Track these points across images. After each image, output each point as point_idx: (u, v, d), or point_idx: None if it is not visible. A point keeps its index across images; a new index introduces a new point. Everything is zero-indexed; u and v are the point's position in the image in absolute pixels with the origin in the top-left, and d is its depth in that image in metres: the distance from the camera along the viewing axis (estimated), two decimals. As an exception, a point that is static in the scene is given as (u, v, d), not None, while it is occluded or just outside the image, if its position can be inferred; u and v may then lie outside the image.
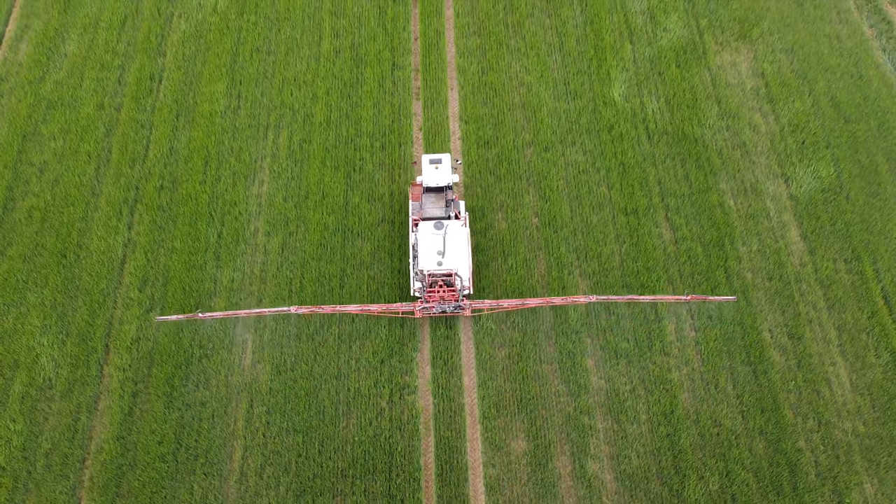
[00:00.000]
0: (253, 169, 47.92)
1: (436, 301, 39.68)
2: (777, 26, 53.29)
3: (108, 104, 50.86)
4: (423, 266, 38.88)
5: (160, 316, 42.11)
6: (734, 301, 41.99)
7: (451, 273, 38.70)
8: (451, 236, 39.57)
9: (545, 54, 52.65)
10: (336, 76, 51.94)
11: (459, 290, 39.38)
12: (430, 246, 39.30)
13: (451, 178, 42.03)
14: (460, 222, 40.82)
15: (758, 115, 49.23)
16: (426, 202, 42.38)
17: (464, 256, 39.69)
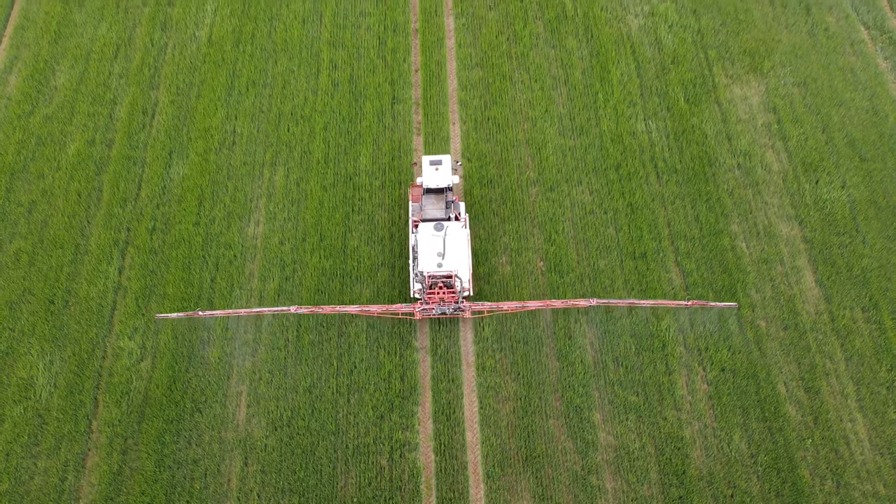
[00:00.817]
0: (248, 209, 46.57)
1: (435, 302, 39.45)
2: (789, 58, 51.98)
3: (99, 140, 49.53)
4: (422, 267, 38.83)
5: (160, 314, 41.37)
6: (735, 308, 41.69)
7: (451, 274, 38.63)
8: (451, 238, 39.71)
9: (550, 87, 51.34)
10: (334, 110, 50.62)
11: (459, 291, 39.17)
12: (430, 247, 39.36)
13: (452, 179, 41.90)
14: (460, 224, 40.86)
15: (770, 153, 47.90)
16: (426, 203, 42.36)
17: (464, 258, 39.65)
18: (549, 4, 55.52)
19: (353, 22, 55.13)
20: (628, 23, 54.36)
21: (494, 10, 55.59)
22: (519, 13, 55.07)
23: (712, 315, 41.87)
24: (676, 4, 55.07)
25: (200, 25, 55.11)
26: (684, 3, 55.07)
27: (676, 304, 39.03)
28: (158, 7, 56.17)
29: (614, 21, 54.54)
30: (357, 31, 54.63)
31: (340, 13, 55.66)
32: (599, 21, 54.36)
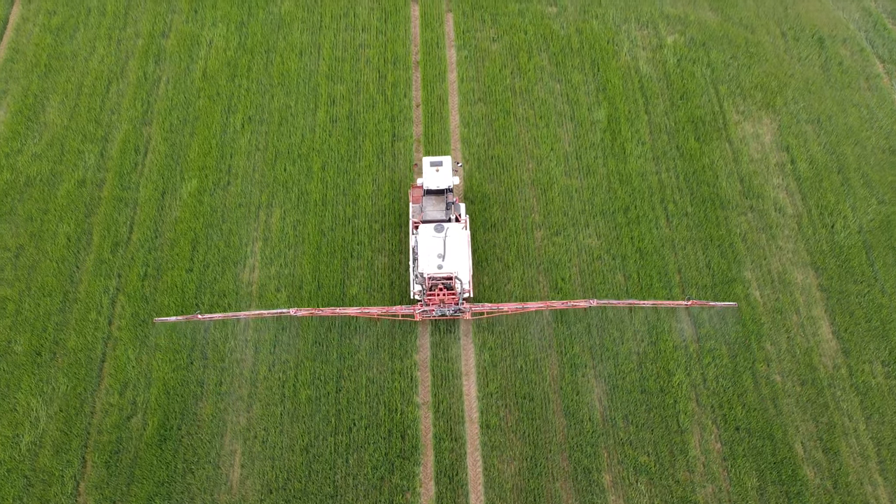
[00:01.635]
0: (243, 254, 45.18)
1: (436, 304, 39.48)
2: (802, 94, 50.64)
3: (89, 180, 48.17)
4: (423, 269, 38.96)
5: (159, 318, 41.71)
6: (735, 307, 41.97)
7: (452, 276, 38.71)
8: (452, 239, 39.92)
9: (555, 124, 49.99)
10: (332, 148, 49.26)
11: (459, 293, 39.09)
12: (431, 249, 39.54)
13: (452, 180, 42.40)
14: (461, 225, 41.14)
15: (783, 195, 46.52)
16: (426, 205, 42.61)
17: (464, 259, 39.85)
18: (553, 36, 54.20)
19: (353, 54, 53.82)
20: (636, 56, 53.05)
21: (498, 42, 54.29)
22: (523, 45, 53.75)
23: (726, 370, 40.44)
24: (685, 37, 53.75)
25: (195, 58, 53.80)
26: (693, 36, 53.75)
27: (676, 304, 39.86)
28: (152, 39, 54.87)
29: (621, 54, 53.22)
30: (356, 64, 53.31)
31: (339, 45, 54.36)
32: (606, 54, 53.04)
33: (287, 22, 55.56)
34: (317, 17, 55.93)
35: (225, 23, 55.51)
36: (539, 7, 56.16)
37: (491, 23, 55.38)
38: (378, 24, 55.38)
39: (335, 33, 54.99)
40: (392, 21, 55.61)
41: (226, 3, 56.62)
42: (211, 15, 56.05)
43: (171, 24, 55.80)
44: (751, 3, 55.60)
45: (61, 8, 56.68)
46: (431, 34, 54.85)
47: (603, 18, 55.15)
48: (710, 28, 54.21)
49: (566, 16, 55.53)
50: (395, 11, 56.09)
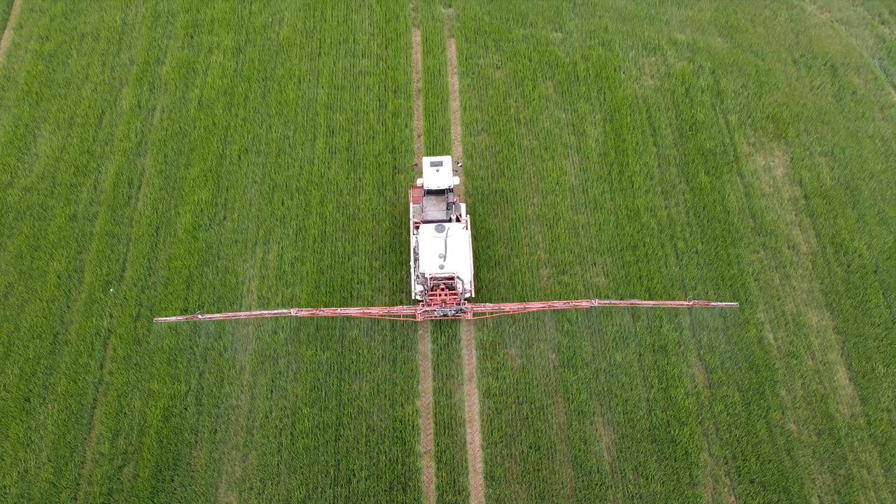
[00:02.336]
0: (239, 293, 43.98)
1: (437, 304, 39.61)
2: (815, 125, 49.45)
3: (81, 215, 46.99)
4: (424, 269, 39.07)
5: (158, 317, 41.60)
6: (736, 307, 41.98)
7: (453, 276, 38.83)
8: (453, 239, 40.04)
9: (561, 156, 48.81)
10: (331, 181, 48.09)
11: (461, 293, 39.25)
12: (432, 249, 39.68)
13: (453, 180, 42.45)
14: (461, 225, 41.30)
15: (797, 232, 45.31)
16: (427, 205, 42.82)
17: (465, 259, 40.07)
18: (559, 64, 53.04)
19: (352, 82, 52.67)
20: (643, 84, 51.89)
21: (502, 70, 53.14)
22: (528, 73, 52.59)
23: (739, 418, 39.21)
24: (694, 65, 52.60)
25: (191, 86, 52.66)
26: (702, 63, 52.60)
27: (678, 304, 40.13)
28: (147, 66, 53.74)
29: (629, 82, 52.07)
30: (356, 93, 52.16)
31: (338, 72, 53.21)
32: (613, 82, 51.88)
33: (285, 48, 54.44)
34: (315, 43, 54.81)
35: (221, 49, 54.39)
36: (543, 33, 55.02)
37: (494, 49, 54.25)
38: (378, 51, 54.25)
39: (334, 60, 53.86)
40: (393, 47, 54.48)
41: (222, 28, 55.51)
42: (207, 41, 54.93)
43: (166, 49, 54.68)
44: (761, 29, 54.48)
45: (54, 33, 55.58)
46: (433, 61, 53.72)
47: (609, 44, 54.01)
48: (720, 55, 53.06)
49: (571, 42, 54.41)
50: (395, 37, 54.97)
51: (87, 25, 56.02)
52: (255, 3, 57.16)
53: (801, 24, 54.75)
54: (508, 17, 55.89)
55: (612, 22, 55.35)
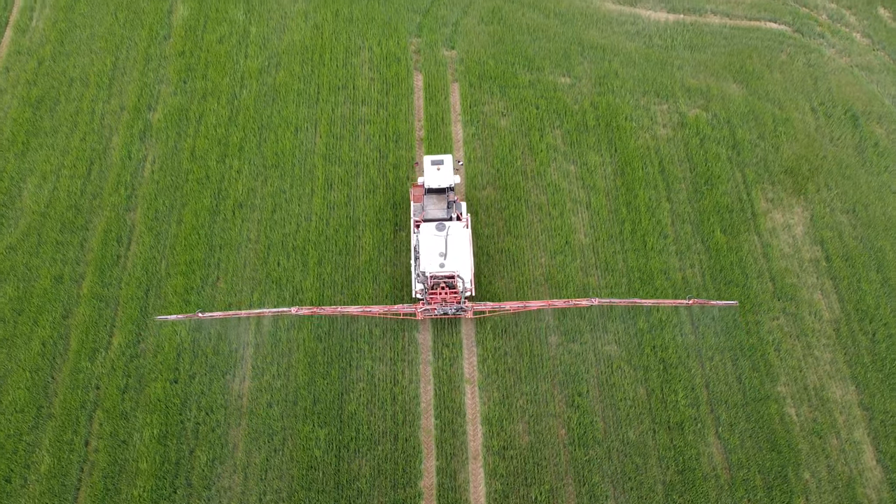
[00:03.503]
0: (232, 362, 42.22)
1: (437, 303, 40.02)
2: (835, 179, 47.69)
3: (67, 276, 45.26)
4: (424, 268, 39.76)
5: (160, 315, 42.53)
6: (736, 305, 42.25)
7: (453, 275, 39.32)
8: (453, 238, 40.75)
9: (570, 212, 47.07)
10: (329, 240, 46.34)
11: (461, 291, 39.67)
12: (432, 247, 40.39)
13: (453, 179, 42.93)
14: (462, 224, 42.04)
15: (818, 296, 43.51)
16: (428, 204, 43.43)
17: (466, 258, 40.76)
18: (567, 112, 51.33)
19: (351, 131, 50.97)
20: (656, 134, 50.18)
21: (507, 118, 51.45)
22: (534, 122, 50.89)
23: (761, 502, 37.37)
24: (708, 113, 50.87)
25: (183, 135, 50.98)
26: (717, 112, 50.87)
27: (678, 302, 40.89)
28: (138, 113, 52.08)
29: (640, 131, 50.35)
30: (355, 143, 50.45)
31: (337, 120, 51.53)
32: (624, 132, 50.15)
33: (282, 94, 52.76)
34: (313, 89, 53.14)
35: (216, 95, 52.72)
36: (551, 77, 53.33)
37: (500, 95, 52.55)
38: (379, 97, 52.56)
39: (333, 107, 52.17)
40: (394, 93, 52.80)
41: (217, 73, 53.85)
42: (201, 86, 53.27)
43: (157, 95, 53.04)
44: (777, 75, 52.76)
45: (42, 78, 53.95)
46: (436, 108, 52.03)
47: (620, 91, 52.29)
48: (735, 103, 51.33)
49: (580, 87, 52.70)
50: (397, 82, 53.29)
51: (77, 69, 54.38)
52: (251, 45, 55.54)
53: (819, 69, 53.04)
54: (514, 61, 54.22)
55: (621, 66, 53.65)
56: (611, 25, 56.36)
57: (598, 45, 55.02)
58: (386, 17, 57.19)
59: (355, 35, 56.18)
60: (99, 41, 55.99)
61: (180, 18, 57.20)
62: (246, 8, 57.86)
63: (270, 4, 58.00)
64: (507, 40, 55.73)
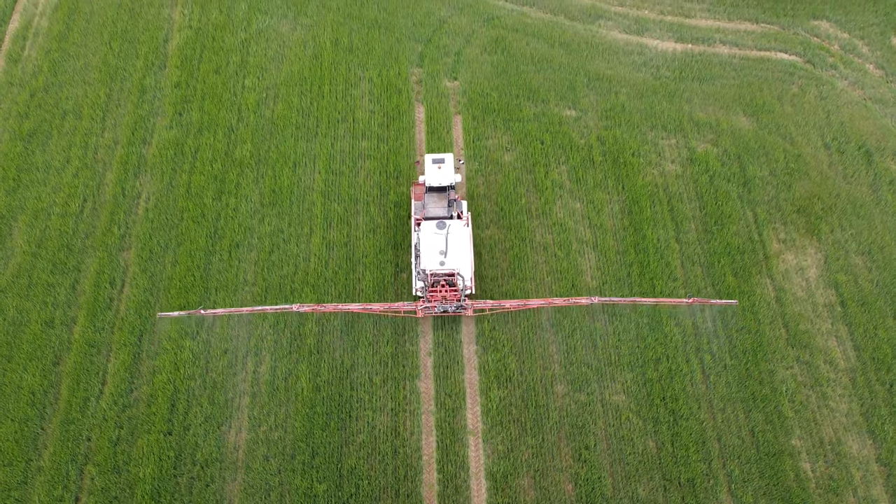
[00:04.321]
0: (228, 412, 41.15)
1: (438, 301, 40.65)
2: (850, 219, 46.60)
3: (58, 320, 44.22)
4: (425, 265, 40.43)
5: (162, 312, 42.82)
6: (735, 304, 42.75)
7: (454, 273, 39.93)
8: (454, 236, 41.38)
9: (576, 253, 46.01)
10: (329, 282, 45.29)
11: (462, 289, 40.37)
12: (433, 245, 41.08)
13: (454, 177, 43.40)
14: (463, 222, 42.69)
15: (833, 343, 42.41)
16: (428, 202, 43.89)
17: (466, 256, 41.41)
18: (572, 146, 50.31)
19: (351, 167, 49.95)
20: (664, 171, 49.13)
21: (511, 153, 50.43)
22: (539, 158, 49.85)
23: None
24: (718, 149, 49.84)
25: (179, 171, 49.97)
26: (727, 148, 49.83)
27: (677, 301, 41.43)
28: (132, 147, 51.08)
29: (648, 168, 49.31)
30: (355, 179, 49.42)
31: (337, 155, 50.51)
32: (631, 169, 49.11)
33: (280, 128, 51.76)
34: (312, 122, 52.13)
35: (212, 129, 51.72)
36: (556, 110, 52.31)
37: (504, 128, 51.53)
38: (379, 131, 51.55)
39: (332, 141, 51.16)
40: (395, 126, 51.79)
41: (213, 105, 52.87)
42: (197, 119, 52.28)
43: (152, 129, 52.05)
44: (789, 109, 51.71)
45: (34, 110, 52.98)
46: (438, 142, 51.02)
47: (627, 124, 51.26)
48: (745, 137, 50.29)
49: (586, 121, 51.67)
50: (398, 115, 52.29)
51: (70, 101, 53.41)
52: (248, 76, 54.57)
53: (831, 102, 52.00)
54: (518, 93, 53.22)
55: (629, 99, 52.63)
56: (617, 55, 55.36)
57: (605, 76, 54.01)
58: (387, 47, 56.21)
59: (355, 65, 55.20)
60: (93, 71, 55.03)
61: (176, 47, 56.26)
62: (244, 37, 56.92)
63: (268, 33, 57.07)
64: (510, 71, 54.74)
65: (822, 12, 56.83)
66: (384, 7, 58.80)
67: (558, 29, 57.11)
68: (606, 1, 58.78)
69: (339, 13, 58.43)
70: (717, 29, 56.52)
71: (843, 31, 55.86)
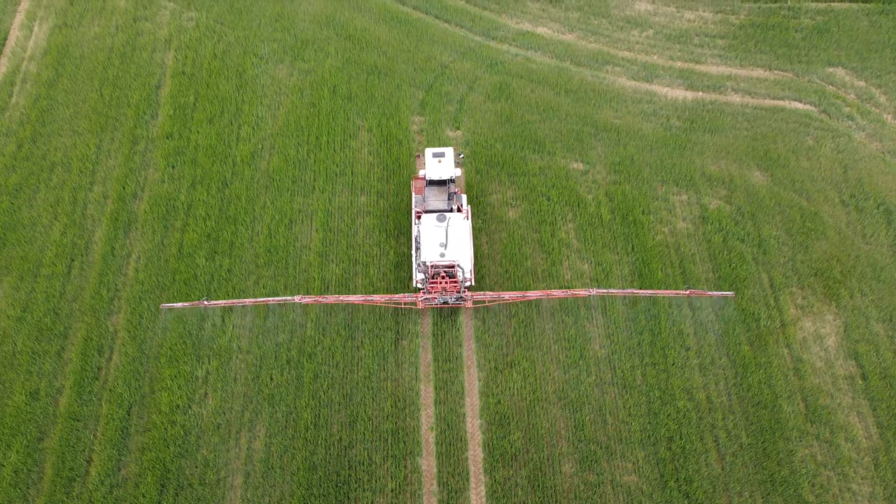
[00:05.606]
0: (220, 492, 39.66)
1: (438, 292, 41.63)
2: (869, 283, 45.17)
3: (44, 391, 42.82)
4: (425, 257, 41.27)
5: (165, 303, 44.36)
6: (732, 296, 43.63)
7: (454, 264, 40.94)
8: (454, 229, 42.35)
9: (584, 319, 44.62)
10: (326, 350, 43.97)
11: (461, 281, 41.34)
12: (433, 238, 41.98)
13: (454, 171, 44.57)
14: (462, 215, 43.84)
15: (855, 419, 40.93)
16: (429, 195, 44.99)
17: (466, 248, 42.39)
18: (580, 203, 48.94)
19: (349, 224, 48.59)
20: (675, 229, 47.74)
21: (516, 209, 49.06)
22: (546, 215, 48.47)
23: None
24: (731, 206, 48.45)
25: (171, 228, 48.61)
26: (741, 205, 48.44)
27: (675, 293, 42.69)
28: (122, 202, 49.76)
29: (658, 226, 47.92)
30: (353, 238, 48.05)
31: (334, 212, 49.16)
32: (641, 227, 47.72)
33: (275, 182, 50.43)
34: (309, 176, 50.82)
35: (205, 184, 50.39)
36: (563, 163, 50.96)
37: (508, 183, 50.19)
38: (379, 185, 50.21)
39: (330, 196, 49.82)
40: (395, 180, 50.47)
41: (207, 158, 51.56)
42: (190, 173, 50.95)
43: (144, 183, 50.73)
44: (804, 163, 50.34)
45: (21, 163, 51.69)
46: (440, 198, 49.53)
47: (636, 179, 49.89)
48: (759, 194, 48.91)
49: (594, 175, 50.30)
50: (398, 168, 50.96)
51: (59, 153, 52.11)
52: (243, 126, 53.28)
53: (848, 156, 50.62)
54: (524, 145, 51.88)
55: (638, 151, 51.29)
56: (626, 104, 54.03)
57: (613, 127, 52.67)
58: (387, 94, 54.92)
59: (354, 114, 53.91)
60: (83, 120, 53.75)
61: (169, 95, 54.98)
62: (238, 83, 55.66)
63: (264, 79, 55.81)
64: (515, 120, 53.43)
65: (837, 59, 55.53)
66: (384, 51, 57.55)
67: (564, 75, 55.82)
68: (614, 45, 57.49)
69: (337, 57, 57.17)
70: (728, 76, 55.21)
71: (859, 78, 54.54)
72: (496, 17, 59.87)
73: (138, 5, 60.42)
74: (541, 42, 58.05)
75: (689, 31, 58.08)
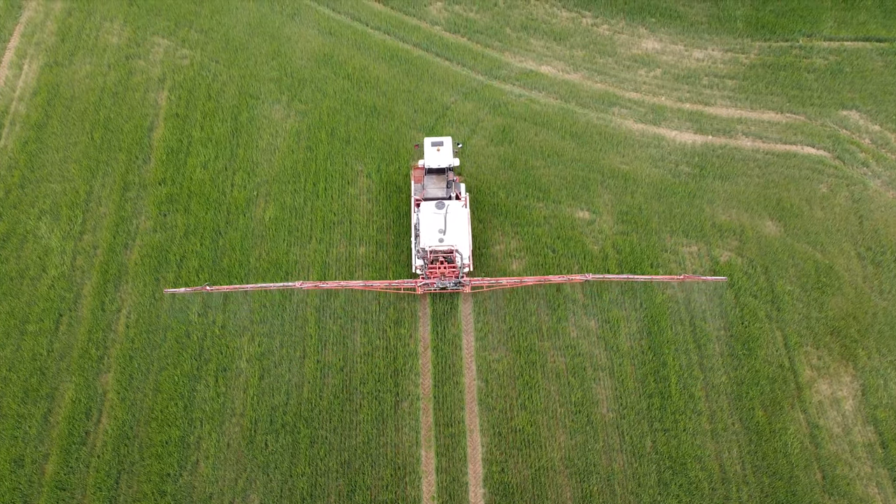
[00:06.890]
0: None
1: (437, 277, 43.55)
2: (888, 343, 44.02)
3: (28, 458, 41.64)
4: (424, 243, 43.12)
5: (168, 288, 45.48)
6: (725, 281, 45.16)
7: (452, 250, 42.62)
8: (452, 215, 44.34)
9: (591, 380, 43.42)
10: (323, 413, 42.83)
11: (460, 266, 43.10)
12: (432, 224, 43.93)
13: (453, 160, 46.25)
14: (461, 203, 45.88)
15: (874, 491, 39.73)
16: (428, 183, 46.92)
17: (464, 235, 44.33)
18: (586, 256, 47.87)
19: (348, 278, 47.44)
20: (686, 284, 46.53)
21: (520, 262, 48.01)
22: (551, 268, 47.47)
23: None
24: (743, 259, 47.32)
25: (163, 281, 47.56)
26: (753, 259, 47.31)
27: (669, 278, 43.82)
28: (113, 253, 48.66)
29: (667, 283, 46.67)
30: (352, 292, 46.86)
31: (332, 264, 48.11)
32: (649, 283, 46.50)
33: (271, 232, 49.34)
34: (306, 225, 49.73)
35: (198, 233, 49.28)
36: (569, 211, 49.86)
37: (512, 233, 49.09)
38: (378, 236, 49.13)
39: (327, 247, 48.73)
40: (395, 230, 49.45)
41: (200, 206, 50.48)
42: (183, 221, 49.86)
43: (135, 232, 49.63)
44: (818, 212, 49.22)
45: (8, 211, 50.63)
46: (441, 249, 48.42)
47: (644, 229, 48.80)
48: (772, 246, 47.78)
49: (601, 225, 49.19)
50: (398, 217, 49.91)
51: (47, 200, 51.03)
52: (238, 171, 52.23)
53: (864, 205, 49.51)
54: (528, 192, 50.81)
55: (646, 199, 50.19)
56: (633, 148, 52.96)
57: (620, 173, 51.58)
58: (386, 137, 53.87)
59: (353, 159, 52.87)
60: (73, 165, 52.71)
61: (161, 138, 53.95)
62: (233, 126, 54.63)
63: (260, 122, 54.80)
64: (518, 165, 52.36)
65: (851, 101, 54.48)
66: (383, 91, 56.55)
67: (569, 117, 54.78)
68: (620, 86, 56.47)
69: (335, 98, 56.18)
70: (738, 119, 54.16)
71: (874, 122, 53.48)
72: (499, 55, 58.87)
73: (131, 42, 59.48)
74: (545, 82, 57.03)
75: (698, 71, 57.05)
